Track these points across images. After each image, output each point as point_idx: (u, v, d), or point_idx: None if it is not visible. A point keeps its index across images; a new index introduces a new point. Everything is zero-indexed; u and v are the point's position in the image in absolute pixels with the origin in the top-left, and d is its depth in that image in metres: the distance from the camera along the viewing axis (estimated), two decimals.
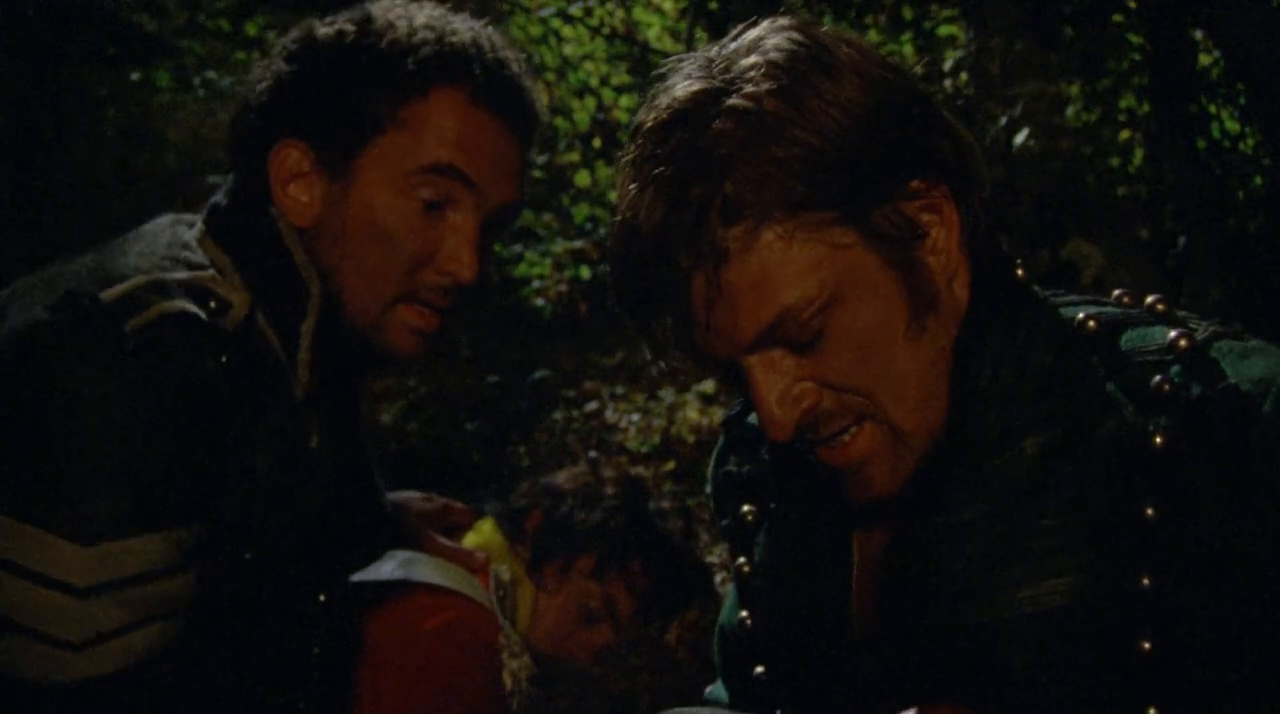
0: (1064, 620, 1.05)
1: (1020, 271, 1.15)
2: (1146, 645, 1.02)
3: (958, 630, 1.08)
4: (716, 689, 1.46)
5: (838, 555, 1.20)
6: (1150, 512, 1.02)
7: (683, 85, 1.08)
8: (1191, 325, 1.10)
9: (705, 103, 1.05)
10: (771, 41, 1.08)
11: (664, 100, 1.08)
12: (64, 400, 1.20)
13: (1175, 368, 1.06)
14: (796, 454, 1.15)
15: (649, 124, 1.08)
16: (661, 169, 1.04)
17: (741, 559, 1.30)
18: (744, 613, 1.31)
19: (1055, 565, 1.05)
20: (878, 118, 1.05)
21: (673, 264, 1.04)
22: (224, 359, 1.30)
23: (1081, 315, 1.12)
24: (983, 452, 1.09)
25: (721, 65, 1.08)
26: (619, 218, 1.08)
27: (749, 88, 1.04)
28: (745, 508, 1.30)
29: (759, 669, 1.29)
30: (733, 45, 1.10)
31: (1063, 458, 1.07)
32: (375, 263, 1.40)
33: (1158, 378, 1.05)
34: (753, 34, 1.10)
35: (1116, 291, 1.19)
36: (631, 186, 1.07)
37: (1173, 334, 1.08)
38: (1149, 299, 1.15)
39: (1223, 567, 1.01)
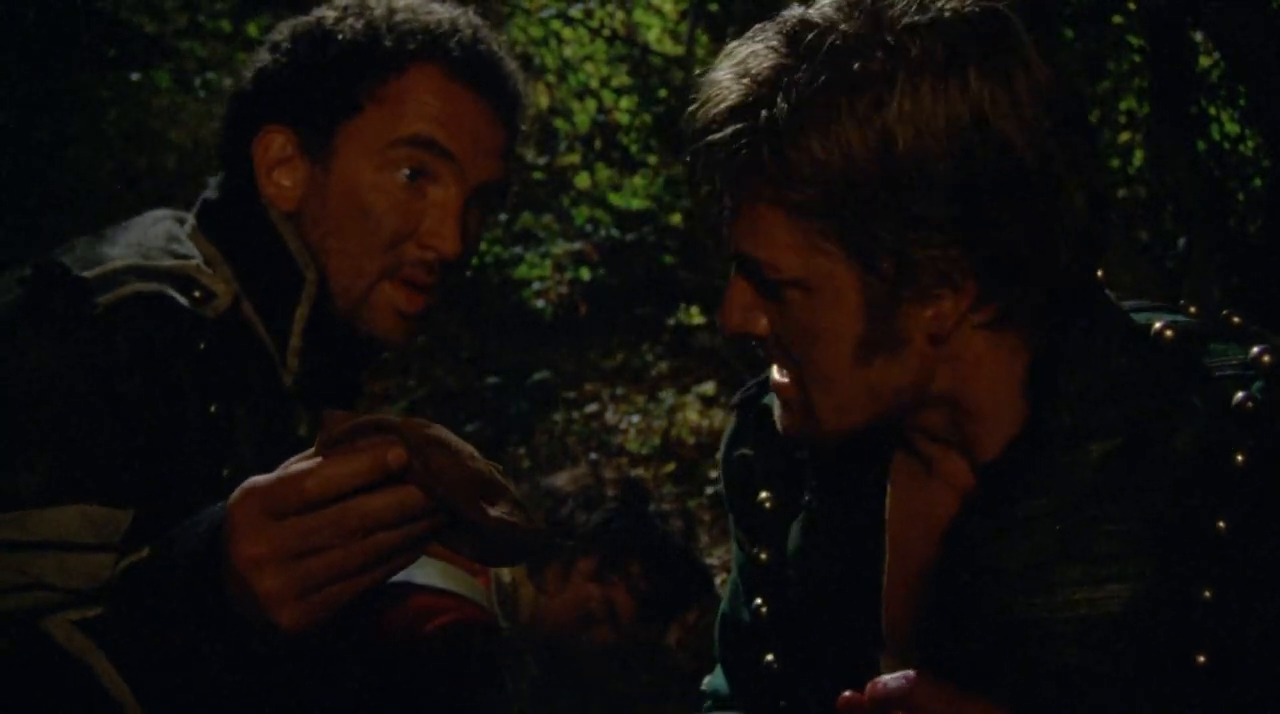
0: (1120, 625, 1.04)
1: (1100, 274, 1.12)
2: (1202, 658, 1.02)
3: (1010, 624, 1.08)
4: (715, 680, 1.45)
5: (871, 550, 1.20)
6: (1222, 526, 1.01)
7: (833, 11, 1.03)
8: (1272, 340, 1.08)
9: (850, 48, 0.99)
10: (958, 9, 1.00)
11: (818, 17, 1.03)
12: (14, 366, 1.21)
13: (1258, 384, 1.04)
14: (833, 450, 1.18)
15: (795, 23, 1.04)
16: (746, 79, 1.04)
17: (756, 548, 1.29)
18: (758, 601, 1.30)
19: (1116, 570, 1.05)
20: (969, 163, 0.97)
21: (710, 159, 1.07)
22: (202, 346, 1.30)
23: (1159, 324, 1.09)
24: (1051, 451, 1.08)
25: (884, 8, 1.01)
26: (712, 73, 1.08)
27: (878, 55, 0.98)
28: (763, 495, 1.29)
29: (769, 658, 1.28)
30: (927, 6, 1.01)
31: (1129, 464, 1.05)
32: (357, 240, 1.41)
33: (1240, 395, 1.03)
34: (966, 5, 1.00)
35: (1181, 302, 1.17)
36: (718, 79, 1.07)
37: (1256, 350, 1.05)
38: (1224, 312, 1.13)
39: None
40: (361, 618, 1.77)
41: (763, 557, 1.29)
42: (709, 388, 5.18)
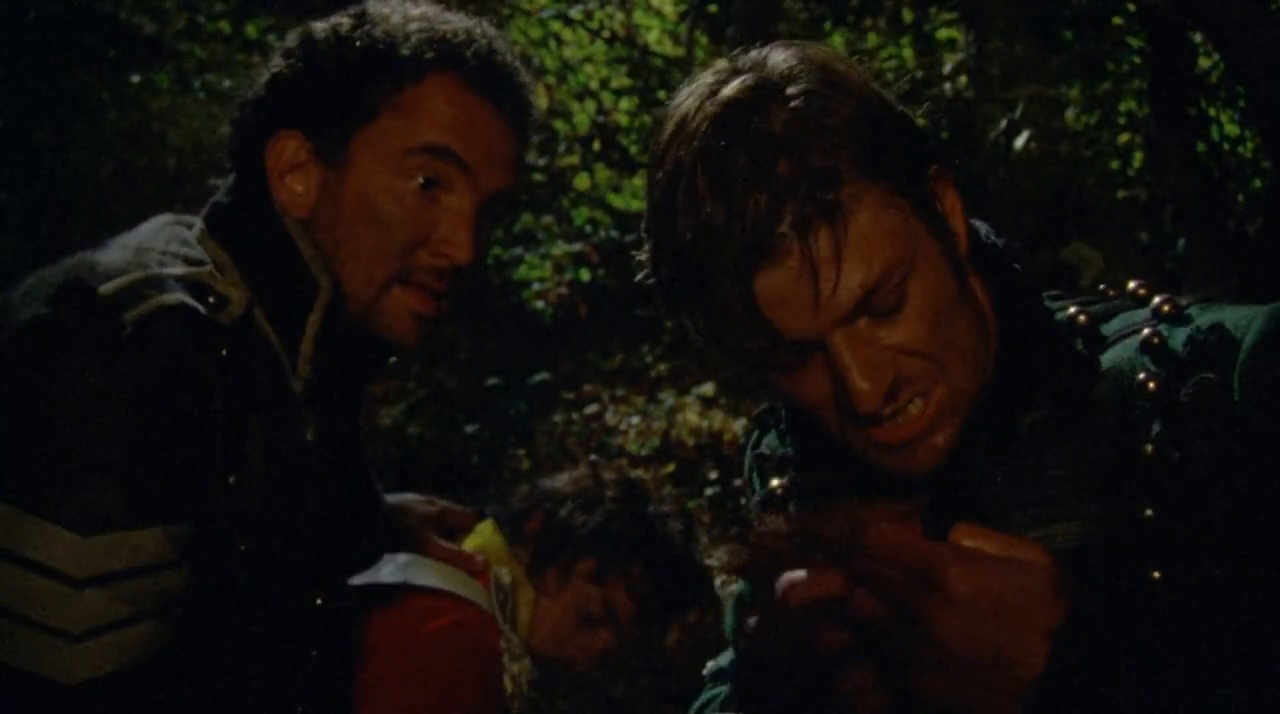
0: (1075, 560, 1.08)
1: (1020, 270, 1.22)
2: (1157, 575, 1.06)
3: None
4: (723, 660, 1.49)
5: None
6: (1149, 448, 1.08)
7: (728, 85, 1.11)
8: (1173, 296, 1.18)
9: (760, 95, 1.09)
10: (788, 50, 1.14)
11: (711, 100, 1.11)
12: (63, 391, 1.20)
13: (1162, 326, 1.13)
14: (818, 433, 1.21)
15: (701, 122, 1.09)
16: (737, 156, 1.06)
17: None
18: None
19: (1064, 511, 1.11)
20: (893, 109, 1.13)
21: (773, 239, 1.06)
22: (223, 352, 1.30)
23: (1072, 310, 1.19)
24: (992, 431, 1.16)
25: (752, 67, 1.13)
26: (690, 218, 1.08)
27: (793, 76, 1.10)
28: (774, 482, 1.34)
29: None
30: (748, 57, 1.15)
31: (1058, 423, 1.14)
32: (371, 246, 1.41)
33: (1146, 332, 1.12)
34: (762, 51, 1.15)
35: (1101, 286, 1.26)
36: (701, 181, 1.07)
37: (1157, 300, 1.15)
38: (1130, 285, 1.22)
39: (1221, 492, 1.06)
40: (361, 619, 1.76)
41: None
42: (708, 389, 5.18)
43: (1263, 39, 3.08)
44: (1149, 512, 1.07)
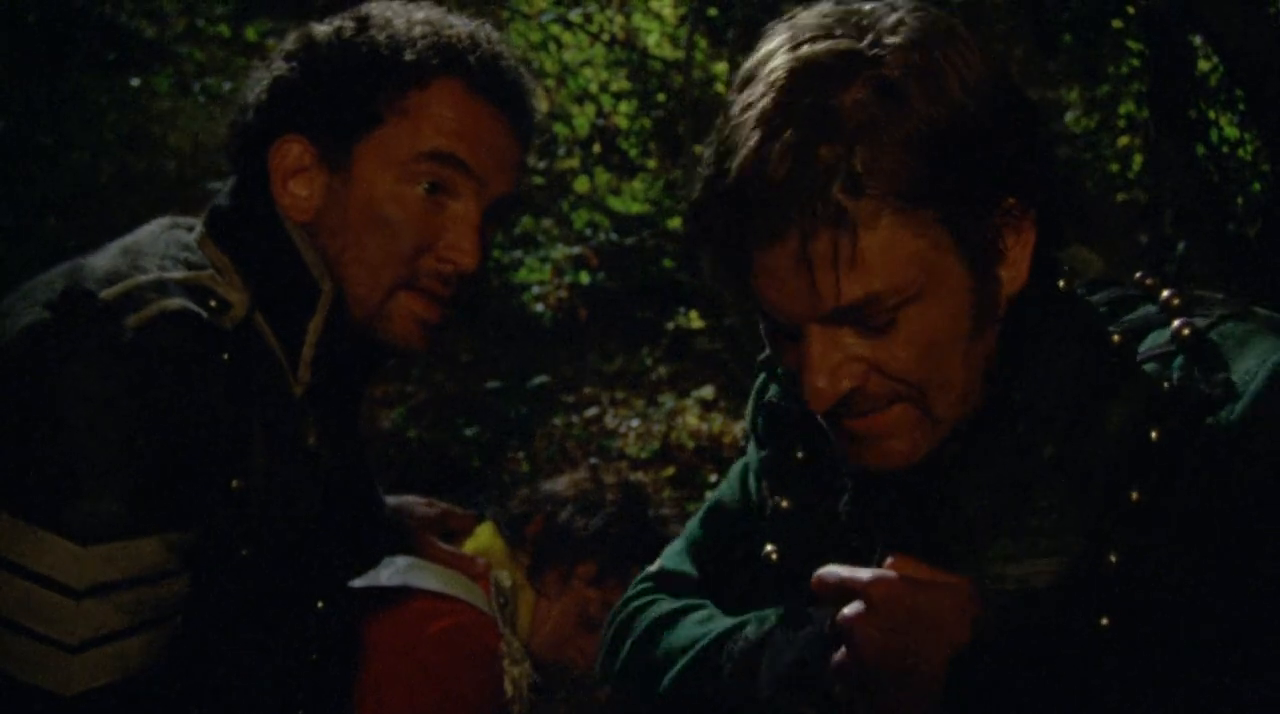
0: (1041, 600, 1.09)
1: (1064, 283, 1.18)
2: (1105, 621, 1.06)
3: None
4: (670, 561, 1.48)
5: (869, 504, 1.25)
6: (1135, 496, 1.07)
7: (822, 41, 1.06)
8: (1198, 313, 1.13)
9: (845, 64, 1.04)
10: (911, 19, 1.08)
11: (801, 50, 1.06)
12: (64, 399, 1.20)
13: (1179, 360, 1.10)
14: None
15: (781, 72, 1.06)
16: (791, 125, 1.03)
17: (778, 496, 1.32)
18: (769, 547, 1.32)
19: (1047, 545, 1.09)
20: (998, 110, 1.06)
21: (782, 219, 1.04)
22: (224, 357, 1.30)
23: (1117, 339, 1.15)
24: (1004, 447, 1.14)
25: (857, 27, 1.07)
26: (732, 161, 1.06)
27: (890, 56, 1.04)
28: (795, 446, 1.32)
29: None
30: (864, 10, 1.09)
31: (1067, 457, 1.11)
32: (377, 251, 1.41)
33: (1162, 376, 1.10)
34: (884, 9, 1.09)
35: (1138, 273, 1.22)
36: (754, 133, 1.05)
37: (1176, 324, 1.12)
38: (1164, 294, 1.17)
39: (1194, 548, 1.05)
40: (362, 622, 1.76)
41: (784, 505, 1.31)
42: (708, 392, 5.17)
43: (1262, 42, 3.08)
44: (1114, 558, 1.06)
